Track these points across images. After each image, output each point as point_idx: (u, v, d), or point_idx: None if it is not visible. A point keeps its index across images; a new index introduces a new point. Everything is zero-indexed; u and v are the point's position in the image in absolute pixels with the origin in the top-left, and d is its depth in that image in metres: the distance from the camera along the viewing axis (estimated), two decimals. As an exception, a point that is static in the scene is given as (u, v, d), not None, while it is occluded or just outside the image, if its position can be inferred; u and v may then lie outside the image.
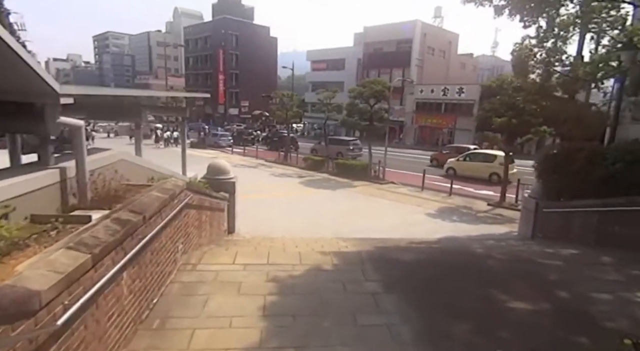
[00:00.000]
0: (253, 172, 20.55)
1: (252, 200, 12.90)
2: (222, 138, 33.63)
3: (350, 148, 26.94)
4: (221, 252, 5.37)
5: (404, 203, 14.17)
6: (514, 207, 13.74)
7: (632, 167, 6.98)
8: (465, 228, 10.82)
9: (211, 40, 69.09)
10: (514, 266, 5.25)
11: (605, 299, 4.15)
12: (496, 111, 13.45)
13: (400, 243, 6.82)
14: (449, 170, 20.77)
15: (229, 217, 8.66)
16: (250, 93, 64.61)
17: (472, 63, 52.96)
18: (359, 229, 10.00)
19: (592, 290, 4.35)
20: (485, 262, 5.40)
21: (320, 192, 15.68)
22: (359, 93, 17.87)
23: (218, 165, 8.66)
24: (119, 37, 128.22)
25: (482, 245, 7.39)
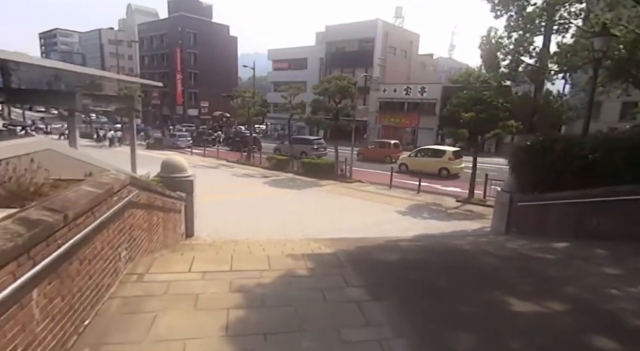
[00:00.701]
0: (214, 173, 19.46)
1: (213, 201, 11.97)
2: (181, 139, 32.05)
3: (315, 148, 26.45)
4: (175, 258, 4.54)
5: (374, 201, 13.74)
6: (482, 203, 13.69)
7: (611, 156, 6.83)
8: (438, 225, 10.50)
9: (167, 38, 66.34)
10: (509, 263, 4.81)
11: (617, 295, 3.76)
12: (463, 106, 13.34)
13: (379, 243, 6.25)
14: (401, 166, 21.55)
15: (186, 219, 7.76)
16: (211, 94, 62.53)
17: (433, 63, 54.15)
18: (330, 229, 9.40)
19: (601, 286, 3.97)
20: (477, 259, 4.92)
21: (286, 191, 14.95)
22: (324, 89, 17.31)
23: (173, 161, 7.74)
24: (68, 35, 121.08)
25: (465, 241, 6.97)
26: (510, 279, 4.21)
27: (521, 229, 8.84)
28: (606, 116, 31.81)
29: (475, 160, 14.12)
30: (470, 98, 13.29)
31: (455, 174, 20.49)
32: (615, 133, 7.70)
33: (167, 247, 5.94)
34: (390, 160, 24.58)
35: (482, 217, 11.88)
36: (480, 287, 3.92)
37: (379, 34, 42.29)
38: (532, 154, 8.59)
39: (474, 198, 14.11)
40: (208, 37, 66.62)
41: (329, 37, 46.15)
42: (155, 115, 66.78)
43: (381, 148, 27.03)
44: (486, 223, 10.99)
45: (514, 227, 9.07)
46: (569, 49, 10.42)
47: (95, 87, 10.68)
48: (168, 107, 66.87)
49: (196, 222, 8.20)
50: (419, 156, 21.64)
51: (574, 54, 10.45)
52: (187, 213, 7.74)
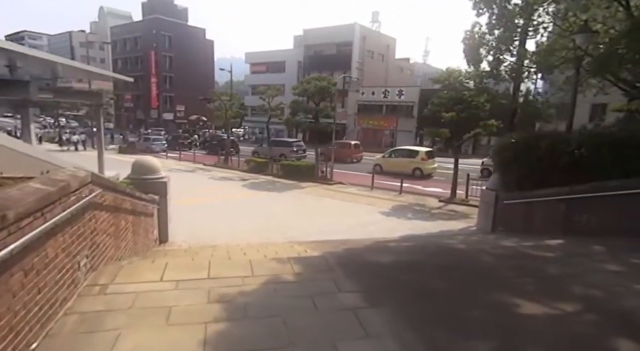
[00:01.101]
0: (190, 176, 18.76)
1: (189, 205, 11.40)
2: (155, 143, 30.98)
3: (294, 150, 26.06)
4: (145, 265, 4.06)
5: (356, 202, 13.44)
6: (465, 203, 13.62)
7: (598, 152, 6.75)
8: (424, 225, 10.28)
9: (142, 41, 64.68)
10: (507, 262, 4.55)
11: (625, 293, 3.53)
12: (444, 106, 13.26)
13: (367, 244, 5.91)
14: (376, 167, 21.87)
15: (160, 223, 7.23)
16: (186, 98, 61.30)
17: (409, 67, 54.78)
18: (313, 231, 9.02)
19: (606, 283, 3.74)
20: (474, 259, 4.65)
21: (266, 194, 14.47)
22: (303, 90, 16.96)
23: (145, 162, 7.21)
24: (36, 37, 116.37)
25: (456, 241, 6.73)
26: (513, 279, 3.94)
27: (507, 227, 8.71)
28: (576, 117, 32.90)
29: (456, 161, 14.06)
30: (450, 98, 13.22)
31: (429, 174, 20.79)
32: (600, 129, 7.68)
33: (137, 253, 5.43)
34: (350, 160, 25.97)
35: (466, 216, 11.76)
36: (483, 288, 3.62)
37: (356, 38, 42.41)
38: (517, 152, 8.48)
39: (456, 198, 14.03)
40: (184, 40, 65.34)
41: (307, 41, 45.98)
42: (129, 119, 64.84)
43: (342, 149, 27.29)
44: (471, 223, 10.87)
45: (500, 226, 8.94)
46: (547, 49, 10.46)
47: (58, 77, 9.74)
48: (142, 110, 65.04)
49: (171, 226, 7.68)
50: (393, 157, 21.94)
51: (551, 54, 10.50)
52: (160, 217, 7.21)
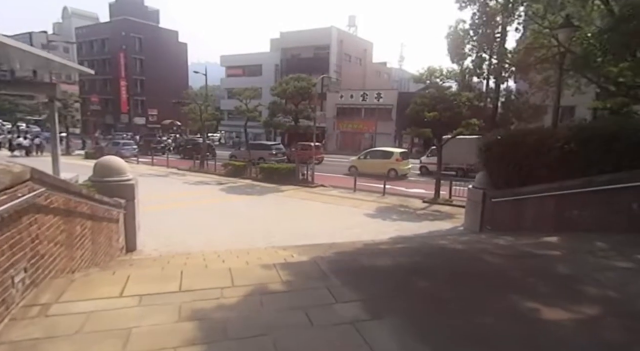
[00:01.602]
0: (163, 181, 17.85)
1: (161, 211, 10.68)
2: (125, 148, 29.56)
3: (273, 153, 25.48)
4: (103, 278, 3.44)
5: (340, 205, 13.00)
6: (449, 203, 13.42)
7: (587, 146, 6.56)
8: (411, 226, 9.92)
9: (110, 43, 62.60)
10: (514, 262, 4.17)
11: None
12: (427, 105, 13.04)
13: (357, 247, 5.45)
14: (351, 168, 21.83)
15: (127, 229, 6.54)
16: (159, 102, 59.64)
17: (387, 71, 55.17)
18: (297, 235, 8.49)
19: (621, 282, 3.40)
20: (477, 260, 4.25)
21: (245, 198, 13.83)
22: (282, 90, 16.44)
23: (109, 162, 6.52)
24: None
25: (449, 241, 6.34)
26: (523, 280, 3.55)
27: (496, 226, 8.44)
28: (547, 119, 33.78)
29: (439, 161, 13.86)
30: (433, 98, 13.03)
31: (404, 175, 20.80)
32: (589, 123, 7.56)
33: (97, 264, 4.77)
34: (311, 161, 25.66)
35: (451, 216, 11.52)
36: (495, 293, 3.21)
37: (334, 41, 42.30)
38: (503, 149, 8.26)
39: (440, 198, 13.81)
40: (155, 42, 63.60)
41: (284, 44, 45.54)
42: (97, 124, 62.32)
43: (303, 150, 27.15)
44: (457, 222, 10.60)
45: (488, 224, 8.67)
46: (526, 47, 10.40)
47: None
48: (112, 115, 62.83)
49: (140, 233, 7.00)
50: (368, 158, 21.90)
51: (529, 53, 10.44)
52: (127, 223, 6.53)
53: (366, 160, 21.86)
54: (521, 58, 10.29)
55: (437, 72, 12.67)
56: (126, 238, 6.53)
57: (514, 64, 10.26)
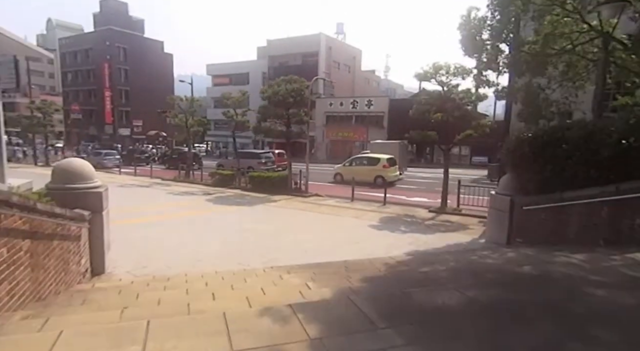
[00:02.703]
0: (145, 191, 16.38)
1: (142, 224, 9.32)
2: (108, 158, 27.98)
3: (263, 162, 24.25)
4: (18, 337, 2.14)
5: (339, 215, 11.78)
6: (457, 212, 12.33)
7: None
8: (424, 239, 8.74)
9: (93, 53, 60.94)
10: (618, 295, 2.98)
11: None
12: (433, 105, 12.04)
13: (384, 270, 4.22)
14: (337, 176, 21.18)
15: (92, 248, 5.23)
16: (144, 113, 57.80)
17: (376, 79, 54.67)
18: (297, 251, 7.25)
19: None
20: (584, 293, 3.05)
21: (235, 209, 12.48)
22: (273, 93, 15.27)
23: (71, 166, 5.22)
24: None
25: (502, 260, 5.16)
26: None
27: (529, 238, 7.34)
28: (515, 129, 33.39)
29: (446, 168, 12.80)
30: (439, 97, 12.03)
31: (392, 182, 19.82)
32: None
33: (43, 298, 3.47)
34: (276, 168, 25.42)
35: (464, 227, 10.40)
36: None
37: (322, 48, 41.56)
38: (537, 148, 7.21)
39: (447, 207, 12.71)
40: (140, 52, 62.17)
41: (272, 51, 44.64)
42: (80, 135, 60.22)
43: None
44: (473, 234, 9.50)
45: (519, 236, 7.56)
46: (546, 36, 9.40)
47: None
48: (95, 126, 60.78)
49: (111, 252, 5.67)
50: (354, 165, 20.99)
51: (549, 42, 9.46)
52: (93, 240, 5.21)
53: (352, 167, 20.89)
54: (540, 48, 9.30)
55: (443, 68, 11.68)
56: (91, 259, 5.20)
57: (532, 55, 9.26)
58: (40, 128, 26.83)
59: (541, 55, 9.55)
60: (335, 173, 21.62)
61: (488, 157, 35.69)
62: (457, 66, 11.56)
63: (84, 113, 61.72)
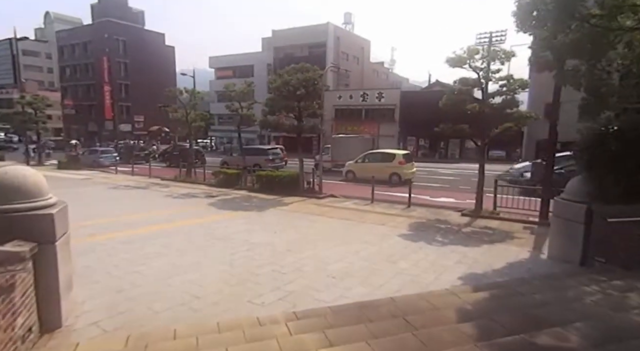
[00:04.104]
0: (140, 194, 14.92)
1: (129, 238, 7.86)
2: (104, 156, 26.59)
3: (270, 159, 22.80)
4: None
5: (361, 222, 10.25)
6: (495, 216, 10.77)
7: None
8: (473, 255, 7.19)
9: (92, 46, 59.49)
10: None
11: None
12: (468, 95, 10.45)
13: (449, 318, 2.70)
14: (348, 174, 19.83)
15: (40, 296, 3.73)
16: (146, 107, 56.39)
17: (385, 71, 52.81)
18: (321, 278, 5.74)
19: None
20: None
21: (241, 215, 10.98)
22: (283, 83, 13.69)
23: (9, 177, 3.72)
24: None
25: None
26: None
27: (616, 258, 5.81)
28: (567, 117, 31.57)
29: (482, 165, 11.20)
30: (475, 84, 10.44)
31: (408, 179, 18.07)
32: None
33: None
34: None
35: (510, 236, 8.85)
36: None
37: (330, 39, 39.80)
38: (626, 144, 5.66)
39: (482, 210, 11.16)
40: (140, 45, 60.65)
41: (277, 43, 42.92)
42: (80, 131, 58.95)
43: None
44: (525, 245, 7.95)
45: (601, 255, 6.02)
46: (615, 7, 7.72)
47: None
48: (95, 122, 59.48)
49: (74, 292, 4.21)
50: (367, 161, 19.54)
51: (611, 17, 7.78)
52: (41, 284, 3.71)
53: (365, 163, 19.49)
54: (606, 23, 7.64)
55: (480, 51, 10.07)
56: (39, 311, 3.70)
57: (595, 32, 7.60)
58: (32, 125, 25.40)
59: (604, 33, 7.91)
60: (346, 171, 20.17)
61: (506, 151, 34.07)
62: (496, 49, 9.96)
63: (83, 108, 60.51)
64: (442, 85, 45.83)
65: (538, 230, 9.40)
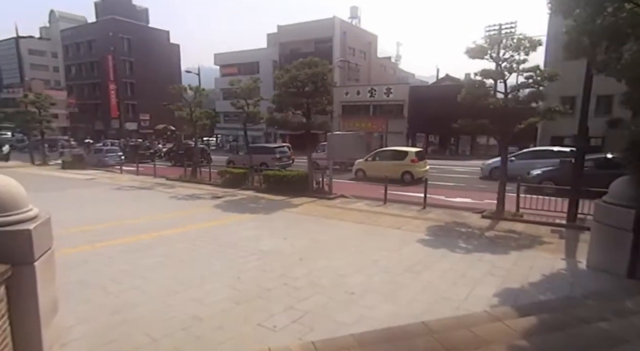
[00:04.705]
0: (144, 195, 14.42)
1: (125, 247, 7.33)
2: (109, 155, 26.24)
3: (277, 157, 22.21)
4: None
5: (376, 225, 9.64)
6: (518, 218, 10.09)
7: None
8: (502, 264, 6.54)
9: (97, 44, 59.27)
10: None
11: None
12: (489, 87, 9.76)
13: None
14: (358, 172, 19.20)
15: (16, 325, 3.17)
16: (151, 106, 56.09)
17: (392, 66, 51.91)
18: (339, 295, 5.14)
19: None
20: None
21: (248, 218, 10.42)
22: (290, 78, 13.06)
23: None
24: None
25: None
26: None
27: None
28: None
29: (504, 163, 10.52)
30: (497, 76, 9.73)
31: (420, 178, 17.64)
32: None
33: None
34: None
35: (537, 240, 8.19)
36: None
37: (336, 33, 39.04)
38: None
39: (504, 212, 10.48)
40: (145, 43, 60.31)
41: (282, 38, 42.25)
42: (86, 130, 58.87)
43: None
44: (556, 252, 7.29)
45: (654, 268, 5.37)
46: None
47: None
48: (101, 121, 59.37)
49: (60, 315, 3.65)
50: (377, 160, 18.98)
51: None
52: (15, 311, 3.15)
53: (375, 162, 18.88)
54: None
55: (504, 40, 9.37)
56: (15, 343, 3.16)
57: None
58: (36, 124, 25.06)
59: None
60: (356, 169, 19.52)
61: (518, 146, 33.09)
62: (522, 37, 9.24)
63: (89, 107, 60.39)
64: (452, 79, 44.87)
65: (567, 234, 8.74)
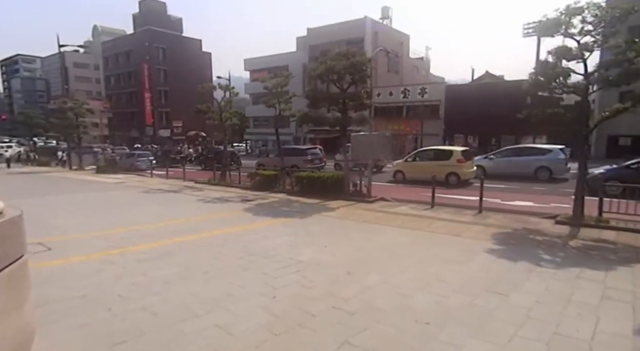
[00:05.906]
0: (171, 199, 13.60)
1: (145, 255, 6.30)
2: (141, 160, 26.18)
3: (309, 159, 21.17)
4: None
5: (429, 231, 8.23)
6: (604, 224, 8.37)
7: None
8: (619, 286, 4.98)
9: (134, 54, 61.03)
10: None
11: None
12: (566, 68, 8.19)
13: None
14: (397, 174, 17.88)
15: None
16: (184, 113, 56.82)
17: (425, 67, 50.04)
18: (407, 321, 3.84)
19: None
20: None
21: (281, 223, 9.24)
22: (326, 69, 11.92)
23: None
24: (31, 60, 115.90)
25: None
26: None
27: None
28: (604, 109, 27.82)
29: (584, 161, 8.84)
30: (576, 56, 8.15)
31: (466, 180, 16.33)
32: None
33: None
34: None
35: (637, 251, 6.55)
36: None
37: (368, 34, 37.87)
38: None
39: (584, 217, 8.79)
40: (179, 52, 61.57)
41: (312, 41, 41.49)
42: (124, 137, 60.42)
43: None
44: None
45: None
46: None
47: None
48: (137, 128, 60.77)
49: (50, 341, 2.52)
50: (419, 160, 17.65)
51: None
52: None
53: (416, 162, 17.52)
54: None
55: (586, 10, 7.80)
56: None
57: None
58: (73, 129, 25.60)
59: None
60: (395, 171, 18.19)
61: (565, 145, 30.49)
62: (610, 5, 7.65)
63: (125, 115, 62.01)
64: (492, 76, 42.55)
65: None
